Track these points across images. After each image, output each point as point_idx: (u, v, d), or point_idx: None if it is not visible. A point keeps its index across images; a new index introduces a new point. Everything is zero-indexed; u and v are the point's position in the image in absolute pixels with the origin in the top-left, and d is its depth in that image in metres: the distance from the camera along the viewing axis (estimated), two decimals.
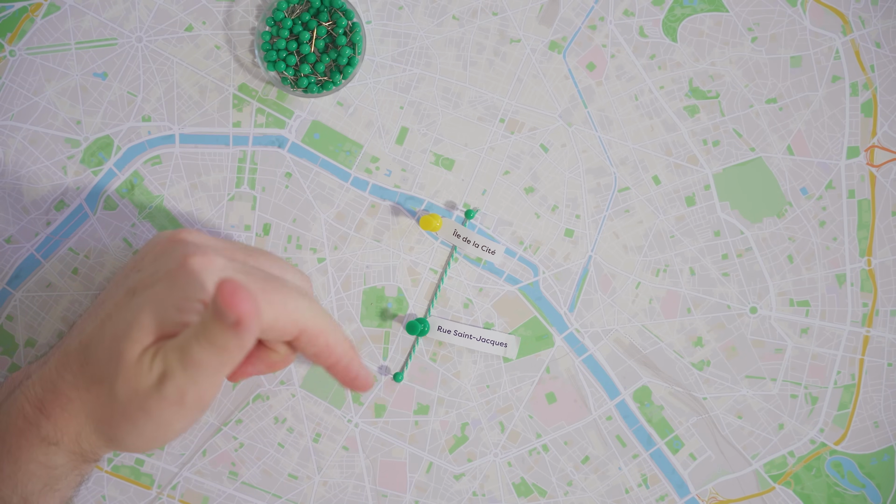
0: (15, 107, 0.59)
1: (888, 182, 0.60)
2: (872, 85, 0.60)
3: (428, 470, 0.60)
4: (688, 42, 0.60)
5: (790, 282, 0.60)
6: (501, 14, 0.60)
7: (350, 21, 0.58)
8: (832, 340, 0.60)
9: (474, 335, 0.59)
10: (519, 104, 0.60)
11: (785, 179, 0.60)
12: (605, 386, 0.60)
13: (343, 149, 0.60)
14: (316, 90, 0.58)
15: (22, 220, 0.59)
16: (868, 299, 0.60)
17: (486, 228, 0.60)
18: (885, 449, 0.60)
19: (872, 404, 0.60)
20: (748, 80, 0.60)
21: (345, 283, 0.60)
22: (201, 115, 0.59)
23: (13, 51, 0.59)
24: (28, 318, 0.59)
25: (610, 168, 0.60)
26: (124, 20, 0.59)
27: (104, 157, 0.59)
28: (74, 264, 0.59)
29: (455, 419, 0.60)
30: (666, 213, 0.60)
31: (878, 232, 0.60)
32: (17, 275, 0.59)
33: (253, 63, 0.59)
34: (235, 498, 0.60)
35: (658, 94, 0.60)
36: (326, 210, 0.60)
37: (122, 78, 0.59)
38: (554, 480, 0.60)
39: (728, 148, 0.60)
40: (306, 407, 0.60)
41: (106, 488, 0.60)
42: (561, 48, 0.60)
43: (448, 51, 0.59)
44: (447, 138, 0.60)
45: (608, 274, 0.60)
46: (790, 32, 0.60)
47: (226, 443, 0.60)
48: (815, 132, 0.60)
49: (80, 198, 0.59)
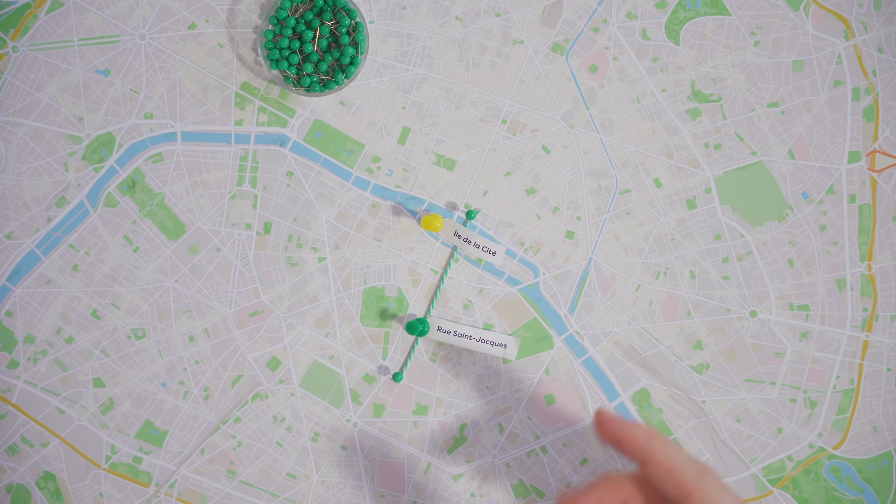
0: (17, 103, 0.59)
1: (889, 187, 0.60)
2: (874, 90, 0.60)
3: (426, 470, 0.60)
4: (690, 45, 0.60)
5: (790, 286, 0.60)
6: (504, 15, 0.60)
7: (353, 20, 0.58)
8: (832, 345, 0.60)
9: (474, 336, 0.59)
10: (521, 105, 0.60)
11: (786, 183, 0.60)
12: (605, 388, 0.60)
13: (345, 148, 0.60)
14: (318, 89, 0.58)
15: (23, 216, 0.59)
16: (868, 304, 0.60)
17: (486, 229, 0.60)
18: (884, 454, 0.60)
19: (871, 409, 0.60)
20: (750, 83, 0.60)
21: (345, 282, 0.60)
22: (203, 113, 0.59)
23: (16, 47, 0.59)
24: (27, 314, 0.59)
25: (611, 170, 0.60)
26: (127, 17, 0.59)
27: (106, 154, 0.59)
28: (74, 261, 0.59)
29: (454, 420, 0.60)
30: (667, 215, 0.60)
31: (879, 237, 0.60)
32: (17, 271, 0.59)
33: (255, 61, 0.59)
34: (233, 496, 0.60)
35: (660, 96, 0.60)
36: (327, 209, 0.60)
37: (125, 75, 0.59)
38: (552, 482, 0.60)
39: (729, 151, 0.60)
40: (305, 406, 0.60)
41: (104, 486, 0.60)
42: (563, 50, 0.60)
43: (451, 51, 0.60)
44: (449, 139, 0.60)
45: (608, 276, 0.60)
46: (792, 37, 0.60)
47: (224, 441, 0.60)
48: (817, 136, 0.60)
49: (81, 194, 0.59)
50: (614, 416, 0.48)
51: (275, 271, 0.60)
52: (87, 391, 0.60)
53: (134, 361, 0.60)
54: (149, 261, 0.60)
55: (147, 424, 0.60)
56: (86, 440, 0.60)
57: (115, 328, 0.60)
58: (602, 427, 0.49)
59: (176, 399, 0.60)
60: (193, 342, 0.60)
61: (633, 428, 0.48)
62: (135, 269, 0.60)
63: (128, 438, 0.60)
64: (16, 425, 0.60)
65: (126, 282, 0.59)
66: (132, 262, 0.60)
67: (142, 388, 0.60)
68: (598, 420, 0.49)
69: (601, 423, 0.49)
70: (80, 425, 0.60)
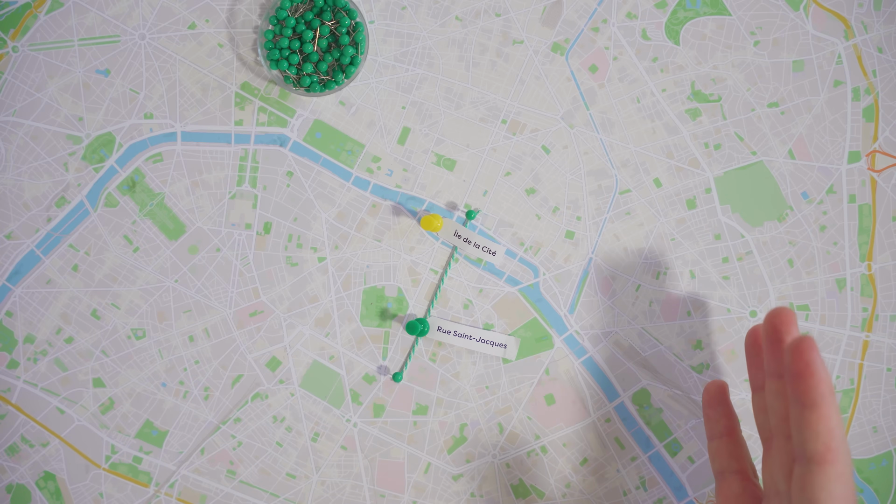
0: (17, 103, 0.59)
1: (889, 187, 0.60)
2: (874, 90, 0.60)
3: (426, 470, 0.60)
4: (690, 45, 0.60)
5: (790, 286, 0.60)
6: (504, 15, 0.60)
7: (353, 20, 0.58)
8: (832, 345, 0.60)
9: (474, 336, 0.59)
10: (521, 105, 0.60)
11: (786, 183, 0.60)
12: (605, 388, 0.60)
13: (345, 148, 0.60)
14: (318, 89, 0.58)
15: (23, 216, 0.59)
16: (868, 304, 0.60)
17: (486, 229, 0.60)
18: (884, 454, 0.60)
19: (871, 409, 0.60)
20: (750, 83, 0.60)
21: (345, 282, 0.60)
22: (203, 113, 0.59)
23: (16, 47, 0.59)
24: (27, 314, 0.59)
25: (611, 170, 0.60)
26: (127, 17, 0.59)
27: (106, 154, 0.59)
28: (74, 261, 0.59)
29: (454, 420, 0.60)
30: (667, 215, 0.60)
31: (879, 237, 0.60)
32: (17, 271, 0.59)
33: (255, 61, 0.59)
34: (233, 497, 0.60)
35: (660, 96, 0.60)
36: (327, 209, 0.60)
37: (125, 75, 0.59)
38: (552, 482, 0.60)
39: (729, 151, 0.60)
40: (305, 406, 0.60)
41: (104, 485, 0.60)
42: (563, 50, 0.60)
43: (451, 51, 0.60)
44: (449, 139, 0.60)
45: (608, 276, 0.60)
46: (792, 37, 0.60)
47: (224, 441, 0.60)
48: (817, 136, 0.60)
49: (81, 194, 0.59)
50: (817, 350, 0.45)
51: (275, 271, 0.60)
52: (87, 391, 0.60)
53: (134, 361, 0.60)
54: (149, 261, 0.60)
55: (147, 424, 0.60)
56: (86, 440, 0.60)
57: (115, 328, 0.60)
58: (801, 352, 0.45)
59: (176, 399, 0.60)
60: (193, 342, 0.60)
61: (826, 373, 0.45)
62: (135, 269, 0.60)
63: (128, 438, 0.60)
64: (16, 425, 0.60)
65: (126, 282, 0.59)
66: (132, 262, 0.60)
67: (142, 388, 0.60)
68: (801, 344, 0.45)
69: (804, 348, 0.45)
70: (80, 425, 0.60)
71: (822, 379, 0.45)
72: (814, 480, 0.45)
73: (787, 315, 0.49)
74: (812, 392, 0.45)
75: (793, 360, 0.46)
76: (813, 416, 0.46)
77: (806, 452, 0.46)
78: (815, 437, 0.45)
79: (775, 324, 0.49)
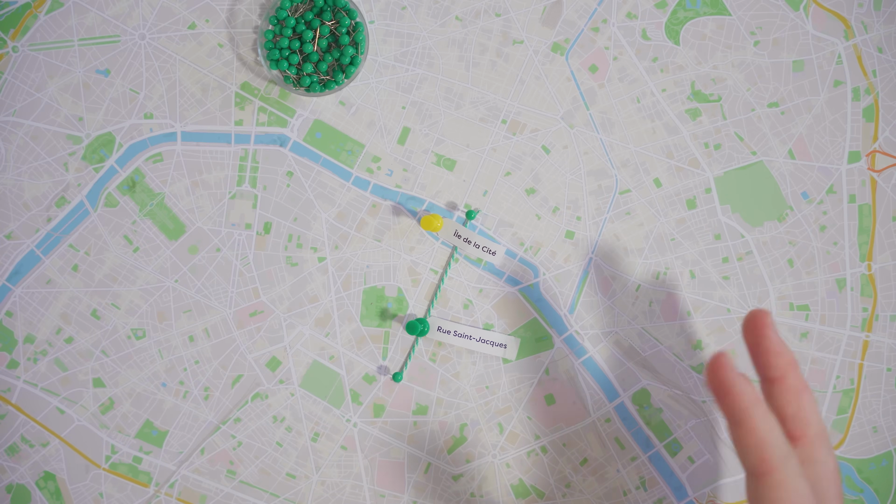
0: (17, 103, 0.59)
1: (889, 187, 0.60)
2: (874, 90, 0.60)
3: (426, 470, 0.60)
4: (690, 45, 0.60)
5: (790, 286, 0.60)
6: (504, 15, 0.60)
7: (353, 20, 0.58)
8: (832, 345, 0.60)
9: (474, 336, 0.59)
10: (521, 105, 0.60)
11: (786, 183, 0.60)
12: (605, 388, 0.60)
13: (345, 148, 0.60)
14: (318, 89, 0.58)
15: (23, 216, 0.59)
16: (868, 304, 0.60)
17: (486, 229, 0.60)
18: (884, 454, 0.60)
19: (871, 409, 0.60)
20: (750, 83, 0.60)
21: (345, 282, 0.60)
22: (203, 113, 0.59)
23: (16, 47, 0.59)
24: (27, 314, 0.59)
25: (611, 170, 0.60)
26: (127, 17, 0.59)
27: (106, 154, 0.59)
28: (74, 261, 0.59)
29: (454, 420, 0.60)
30: (667, 215, 0.60)
31: (879, 237, 0.60)
32: (17, 271, 0.59)
33: (255, 61, 0.59)
34: (233, 497, 0.60)
35: (660, 96, 0.60)
36: (327, 209, 0.60)
37: (125, 75, 0.59)
38: (552, 482, 0.60)
39: (729, 151, 0.60)
40: (305, 406, 0.60)
41: (104, 486, 0.60)
42: (563, 50, 0.60)
43: (451, 51, 0.60)
44: (449, 139, 0.60)
45: (608, 276, 0.60)
46: (792, 37, 0.60)
47: (224, 441, 0.60)
48: (817, 136, 0.60)
49: (81, 194, 0.59)
50: (730, 366, 0.46)
51: (275, 271, 0.60)
52: (87, 391, 0.60)
53: (134, 361, 0.60)
54: (149, 261, 0.60)
55: (147, 424, 0.60)
56: (86, 440, 0.60)
57: (115, 328, 0.60)
58: (714, 372, 0.47)
59: (176, 399, 0.60)
60: (193, 342, 0.60)
61: (744, 386, 0.46)
62: (135, 269, 0.60)
63: (128, 438, 0.60)
64: (16, 425, 0.60)
65: (126, 282, 0.59)
66: (132, 262, 0.60)
67: (142, 388, 0.60)
68: (713, 363, 0.47)
69: (716, 367, 0.47)
70: (80, 425, 0.60)
71: (741, 392, 0.46)
72: (757, 492, 0.46)
73: (761, 318, 0.49)
74: (733, 409, 0.46)
75: (709, 380, 0.47)
76: (740, 433, 0.46)
77: (745, 467, 0.47)
78: (747, 452, 0.46)
79: (749, 328, 0.50)
